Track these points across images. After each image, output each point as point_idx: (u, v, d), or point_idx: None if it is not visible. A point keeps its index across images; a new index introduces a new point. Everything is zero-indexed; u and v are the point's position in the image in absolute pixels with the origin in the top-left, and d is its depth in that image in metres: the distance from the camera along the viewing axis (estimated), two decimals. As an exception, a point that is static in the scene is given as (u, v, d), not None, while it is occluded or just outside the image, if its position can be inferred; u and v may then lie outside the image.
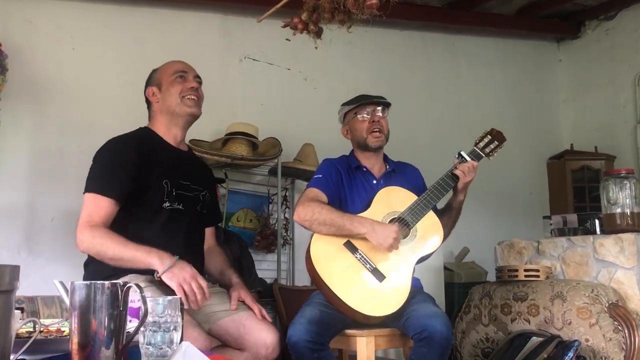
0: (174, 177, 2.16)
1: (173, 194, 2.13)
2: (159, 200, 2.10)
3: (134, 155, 2.09)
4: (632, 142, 4.95)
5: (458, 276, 4.12)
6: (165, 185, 2.11)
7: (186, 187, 2.20)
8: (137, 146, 2.13)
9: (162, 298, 1.32)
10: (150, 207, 2.10)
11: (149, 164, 2.11)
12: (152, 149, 2.18)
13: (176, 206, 2.13)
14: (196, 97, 2.23)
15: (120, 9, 3.61)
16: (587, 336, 2.64)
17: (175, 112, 2.21)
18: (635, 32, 4.96)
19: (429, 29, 4.82)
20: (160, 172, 2.13)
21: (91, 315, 1.15)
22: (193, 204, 2.21)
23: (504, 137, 2.54)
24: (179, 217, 2.14)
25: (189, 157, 2.34)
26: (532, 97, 5.32)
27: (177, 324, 1.33)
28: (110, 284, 1.17)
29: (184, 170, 2.22)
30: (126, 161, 2.07)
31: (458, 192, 2.42)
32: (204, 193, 2.29)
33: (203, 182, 2.31)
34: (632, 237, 2.77)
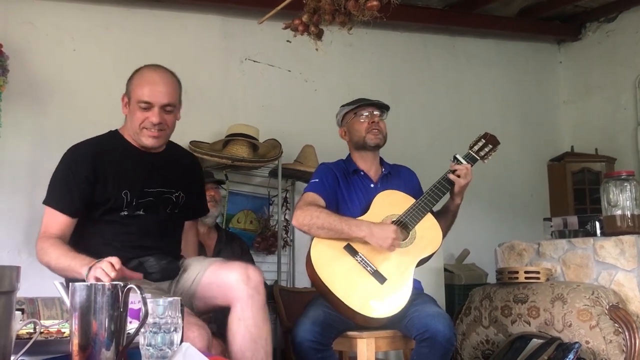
0: (136, 185, 2.09)
1: (133, 204, 2.08)
2: (117, 211, 2.07)
3: (89, 170, 2.04)
4: (633, 144, 4.95)
5: (458, 278, 4.12)
6: (125, 197, 2.06)
7: (152, 193, 2.12)
8: (94, 158, 2.07)
9: (163, 299, 1.32)
10: (108, 215, 2.07)
11: (105, 174, 2.06)
12: (114, 157, 2.11)
13: (135, 213, 2.09)
14: (157, 133, 2.08)
15: (120, 10, 3.62)
16: (587, 338, 2.64)
17: (134, 135, 2.12)
18: (635, 34, 4.96)
19: (430, 31, 4.83)
20: (120, 181, 2.07)
21: (91, 317, 1.15)
22: (159, 208, 2.14)
23: (497, 141, 2.56)
24: (138, 222, 2.09)
25: (162, 158, 2.20)
26: (532, 99, 5.32)
27: (177, 325, 1.33)
28: (111, 285, 1.18)
29: (151, 175, 2.14)
30: (80, 178, 2.03)
31: (455, 195, 2.44)
32: (177, 194, 2.19)
33: (177, 182, 2.20)
34: (632, 239, 2.77)
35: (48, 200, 2.06)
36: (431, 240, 2.35)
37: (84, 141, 2.16)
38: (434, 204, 2.39)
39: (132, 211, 2.07)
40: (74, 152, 2.10)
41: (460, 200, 2.46)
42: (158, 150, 2.17)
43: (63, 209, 2.02)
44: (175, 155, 2.28)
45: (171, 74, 2.16)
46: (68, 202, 2.03)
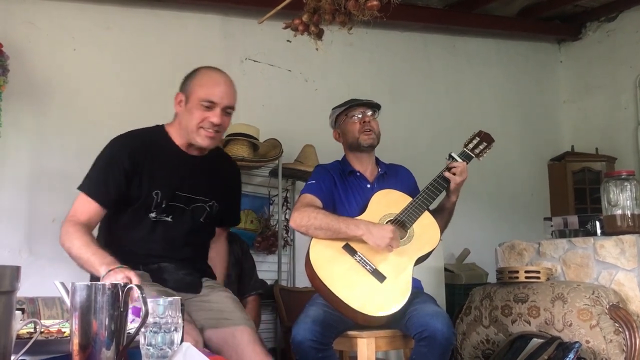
0: (169, 186, 2.08)
1: (162, 206, 2.06)
2: (145, 211, 2.06)
3: (127, 162, 2.03)
4: (633, 144, 4.94)
5: (459, 277, 4.11)
6: (155, 197, 2.05)
7: (182, 198, 2.11)
8: (136, 152, 2.06)
9: (163, 299, 1.32)
10: (135, 216, 2.06)
11: (142, 170, 2.05)
12: (153, 155, 2.10)
13: (163, 218, 2.07)
14: (213, 134, 2.08)
15: (121, 10, 3.62)
16: (587, 338, 2.64)
17: (188, 135, 2.10)
18: (636, 34, 4.95)
19: (430, 30, 4.82)
20: (153, 182, 2.06)
21: (92, 316, 1.15)
22: (188, 216, 2.12)
23: (492, 139, 2.58)
24: (165, 230, 2.08)
25: (203, 164, 2.19)
26: (533, 99, 5.32)
27: (177, 325, 1.33)
28: (111, 284, 1.18)
29: (188, 179, 2.13)
30: (119, 169, 2.03)
31: (451, 192, 2.46)
32: (210, 204, 2.17)
33: (213, 190, 2.18)
34: (632, 238, 2.77)
35: (83, 186, 2.04)
36: (429, 238, 2.37)
37: (129, 132, 2.14)
38: (431, 202, 2.41)
39: (159, 214, 2.06)
40: (117, 143, 2.09)
41: (455, 198, 2.47)
42: (202, 153, 2.16)
43: (96, 197, 2.01)
44: (217, 162, 2.26)
45: (230, 78, 2.18)
46: (103, 191, 2.02)
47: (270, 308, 3.64)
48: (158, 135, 2.16)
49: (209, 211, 2.17)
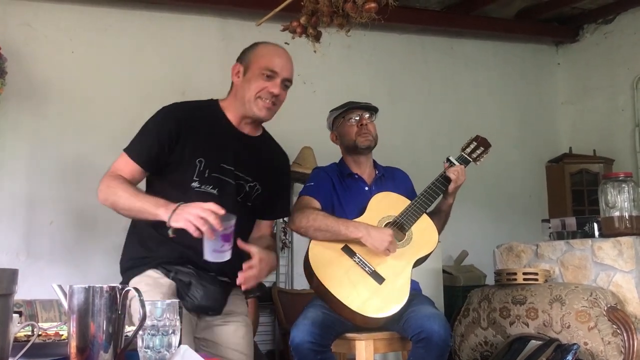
0: (214, 157, 1.95)
1: (205, 175, 1.93)
2: (188, 179, 1.92)
3: (174, 124, 1.94)
4: (631, 146, 4.95)
5: (457, 279, 4.12)
6: (198, 164, 1.92)
7: (228, 171, 1.97)
8: (183, 118, 1.97)
9: (161, 302, 1.32)
10: (178, 185, 1.92)
11: (188, 137, 1.94)
12: (202, 124, 1.99)
13: (208, 189, 1.93)
14: (271, 105, 2.01)
15: (119, 12, 3.62)
16: (585, 339, 2.64)
17: (245, 106, 2.01)
18: (633, 36, 4.96)
19: (428, 33, 4.83)
20: (198, 148, 1.94)
21: (89, 319, 1.15)
22: (232, 192, 1.98)
23: (489, 143, 2.59)
24: (210, 200, 1.84)
25: (252, 143, 2.08)
26: (531, 101, 5.32)
27: (175, 328, 1.33)
28: (109, 287, 1.17)
29: (235, 153, 2.00)
30: (163, 131, 1.93)
31: (448, 195, 2.47)
32: (252, 184, 2.03)
33: (259, 173, 2.05)
34: (630, 240, 2.78)
35: (127, 147, 1.96)
36: (427, 241, 2.38)
37: (181, 102, 2.07)
38: (429, 205, 2.43)
39: (203, 184, 1.93)
40: (166, 108, 2.02)
41: (452, 200, 2.49)
42: (253, 133, 2.08)
43: (136, 157, 1.92)
44: (268, 147, 2.16)
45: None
46: (145, 152, 1.93)
47: (268, 310, 3.64)
48: (210, 107, 2.07)
49: (248, 192, 2.02)
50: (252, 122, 2.06)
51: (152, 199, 1.82)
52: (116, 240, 3.44)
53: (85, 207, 3.38)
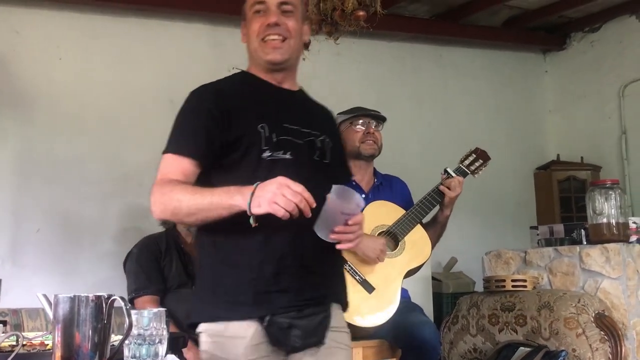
0: (275, 119, 1.70)
1: (274, 140, 1.66)
2: (256, 150, 1.65)
3: (212, 103, 1.68)
4: (618, 153, 4.99)
5: (446, 286, 4.12)
6: (262, 130, 1.66)
7: (294, 132, 1.72)
8: (218, 92, 1.74)
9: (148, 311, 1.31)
10: (246, 160, 1.65)
11: (236, 108, 1.69)
12: (243, 92, 1.77)
13: (281, 155, 1.66)
14: (277, 43, 1.72)
15: (107, 19, 3.61)
16: (574, 346, 2.65)
17: (258, 59, 1.77)
18: (619, 44, 5.01)
19: (417, 41, 4.85)
20: (254, 115, 1.69)
21: (75, 329, 1.13)
22: (306, 153, 1.73)
23: (488, 156, 2.60)
24: (286, 169, 1.61)
25: (300, 97, 1.87)
26: (518, 108, 5.36)
27: (162, 337, 1.32)
28: (95, 296, 1.16)
29: (291, 111, 1.77)
30: (202, 113, 1.67)
31: (444, 206, 2.47)
32: (321, 138, 1.77)
33: (320, 124, 1.81)
34: (617, 247, 2.79)
35: (165, 149, 1.66)
36: (420, 252, 2.38)
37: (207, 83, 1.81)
38: (424, 216, 2.42)
39: (274, 151, 1.66)
40: (196, 92, 1.76)
41: (449, 212, 2.49)
42: (293, 87, 1.84)
43: (185, 152, 1.63)
44: (312, 100, 1.93)
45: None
46: (192, 142, 1.64)
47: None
48: (241, 76, 1.84)
49: (321, 147, 1.76)
50: (278, 72, 1.78)
51: (221, 189, 1.55)
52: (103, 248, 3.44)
53: (72, 215, 3.36)
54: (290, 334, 1.60)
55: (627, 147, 4.93)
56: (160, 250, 3.02)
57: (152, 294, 2.91)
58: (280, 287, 1.61)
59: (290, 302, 1.61)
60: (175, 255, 3.03)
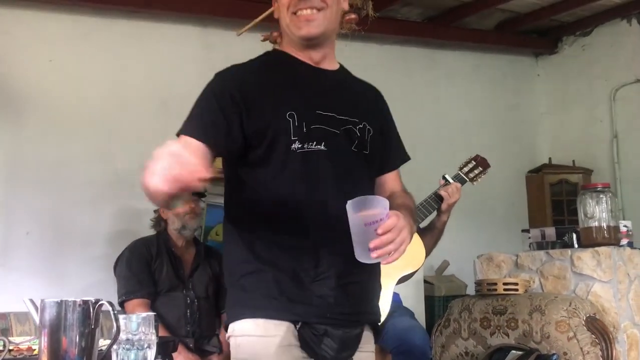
0: (307, 106, 1.53)
1: (304, 131, 1.49)
2: (285, 141, 1.48)
3: (234, 86, 1.51)
4: (609, 156, 5.01)
5: (438, 289, 4.12)
6: (291, 119, 1.49)
7: (328, 119, 1.54)
8: (244, 74, 1.58)
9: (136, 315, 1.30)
10: (274, 152, 1.48)
11: (262, 92, 1.53)
12: (272, 74, 1.60)
13: (314, 147, 1.49)
14: (309, 15, 1.53)
15: (98, 20, 3.59)
16: (565, 349, 2.65)
17: (289, 34, 1.60)
18: (610, 48, 5.04)
19: (409, 44, 4.86)
20: (283, 101, 1.52)
21: (61, 334, 1.12)
22: (343, 143, 1.55)
23: (488, 164, 2.61)
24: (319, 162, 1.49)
25: (339, 78, 1.68)
26: (511, 111, 5.37)
27: (151, 342, 1.30)
28: (82, 301, 1.15)
29: (327, 95, 1.59)
30: (223, 95, 1.50)
31: (442, 212, 2.47)
32: (361, 126, 1.59)
33: (360, 109, 1.63)
34: (608, 250, 2.80)
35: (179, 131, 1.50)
36: (413, 259, 2.39)
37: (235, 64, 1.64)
38: (420, 222, 2.42)
39: (305, 142, 1.49)
40: (220, 74, 1.59)
41: (446, 218, 2.50)
42: (332, 66, 1.65)
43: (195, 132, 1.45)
44: (354, 79, 1.75)
45: None
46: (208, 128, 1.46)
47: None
48: (271, 55, 1.67)
49: (360, 136, 1.58)
50: (315, 50, 1.59)
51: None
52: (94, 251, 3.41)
53: (63, 218, 3.33)
54: (323, 342, 1.47)
55: (618, 150, 4.96)
56: (151, 254, 3.00)
57: (142, 298, 2.90)
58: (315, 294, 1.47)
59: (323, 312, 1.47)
60: (166, 258, 3.02)
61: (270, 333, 1.45)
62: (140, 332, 1.29)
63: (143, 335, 1.29)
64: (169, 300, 2.95)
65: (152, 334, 1.31)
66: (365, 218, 1.31)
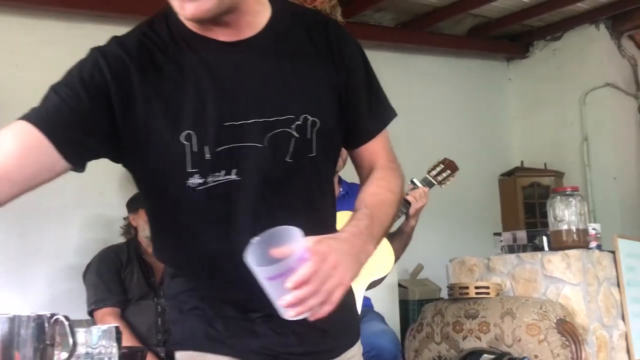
0: (209, 118, 1.06)
1: (206, 158, 1.05)
2: (180, 176, 1.07)
3: (100, 75, 1.10)
4: (580, 159, 5.08)
5: (412, 293, 4.13)
6: (187, 142, 1.05)
7: (244, 130, 1.07)
8: (115, 63, 1.12)
9: (96, 328, 1.27)
10: (164, 190, 1.10)
11: (146, 101, 1.07)
12: (166, 61, 1.11)
13: (221, 178, 1.06)
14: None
15: (64, 25, 3.53)
16: (536, 352, 2.67)
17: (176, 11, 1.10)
18: (580, 53, 5.12)
19: (382, 48, 4.87)
20: (175, 114, 1.07)
21: (14, 350, 1.09)
22: (270, 159, 1.09)
23: (456, 167, 2.63)
24: (231, 198, 1.08)
25: (264, 46, 1.12)
26: (483, 115, 5.42)
27: (111, 355, 1.28)
28: (37, 315, 1.12)
29: (243, 90, 1.09)
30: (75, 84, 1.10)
31: (410, 217, 2.47)
32: (299, 122, 1.11)
33: (299, 91, 1.13)
34: (578, 253, 2.83)
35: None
36: (382, 264, 2.38)
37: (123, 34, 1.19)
38: None
39: (209, 174, 1.06)
40: (86, 57, 1.16)
41: (414, 223, 2.50)
42: (248, 32, 1.12)
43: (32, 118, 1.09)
44: (292, 29, 1.16)
45: None
46: (51, 118, 1.08)
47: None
48: (156, 27, 1.17)
49: (299, 138, 1.11)
50: (220, 26, 1.10)
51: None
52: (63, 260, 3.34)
53: (30, 227, 3.26)
54: None
55: (589, 153, 5.04)
56: (122, 261, 2.96)
57: (112, 306, 2.85)
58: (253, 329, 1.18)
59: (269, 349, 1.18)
60: (136, 266, 2.98)
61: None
62: (100, 346, 1.26)
63: (103, 349, 1.26)
64: (139, 308, 2.91)
65: (113, 347, 1.28)
66: (265, 272, 0.94)
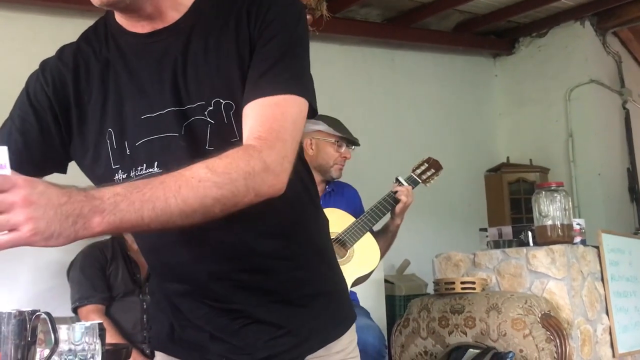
0: (126, 115, 1.13)
1: (127, 153, 1.11)
2: (108, 173, 1.13)
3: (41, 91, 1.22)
4: (565, 155, 5.12)
5: (399, 289, 4.14)
6: (109, 140, 1.12)
7: (161, 122, 1.10)
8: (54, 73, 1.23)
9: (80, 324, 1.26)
10: (98, 182, 1.16)
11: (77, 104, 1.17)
12: (95, 64, 1.19)
13: (143, 172, 1.11)
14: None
15: (49, 19, 3.49)
16: (521, 347, 2.69)
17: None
18: (565, 49, 5.16)
19: (369, 44, 4.88)
20: (100, 113, 1.14)
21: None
22: (189, 148, 1.10)
23: (440, 166, 2.65)
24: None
25: (180, 33, 1.13)
26: (469, 111, 5.44)
27: (95, 352, 1.27)
28: (18, 312, 1.11)
29: (160, 80, 1.12)
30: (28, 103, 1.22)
31: (395, 215, 2.49)
32: (211, 108, 1.09)
33: (214, 74, 1.11)
34: (562, 248, 2.85)
35: None
36: (368, 260, 2.39)
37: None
38: (374, 224, 2.44)
39: (130, 168, 1.12)
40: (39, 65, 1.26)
41: (400, 221, 2.51)
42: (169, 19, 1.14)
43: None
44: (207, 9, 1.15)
45: None
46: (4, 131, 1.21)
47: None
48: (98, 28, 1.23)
49: (215, 124, 1.10)
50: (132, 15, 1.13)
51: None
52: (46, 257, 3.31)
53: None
54: None
55: (574, 149, 5.08)
56: (106, 258, 2.94)
57: (96, 303, 2.83)
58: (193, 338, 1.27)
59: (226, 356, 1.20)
60: (121, 262, 2.96)
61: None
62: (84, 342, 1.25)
63: (86, 345, 1.25)
64: (124, 305, 2.89)
65: (96, 344, 1.27)
66: None
